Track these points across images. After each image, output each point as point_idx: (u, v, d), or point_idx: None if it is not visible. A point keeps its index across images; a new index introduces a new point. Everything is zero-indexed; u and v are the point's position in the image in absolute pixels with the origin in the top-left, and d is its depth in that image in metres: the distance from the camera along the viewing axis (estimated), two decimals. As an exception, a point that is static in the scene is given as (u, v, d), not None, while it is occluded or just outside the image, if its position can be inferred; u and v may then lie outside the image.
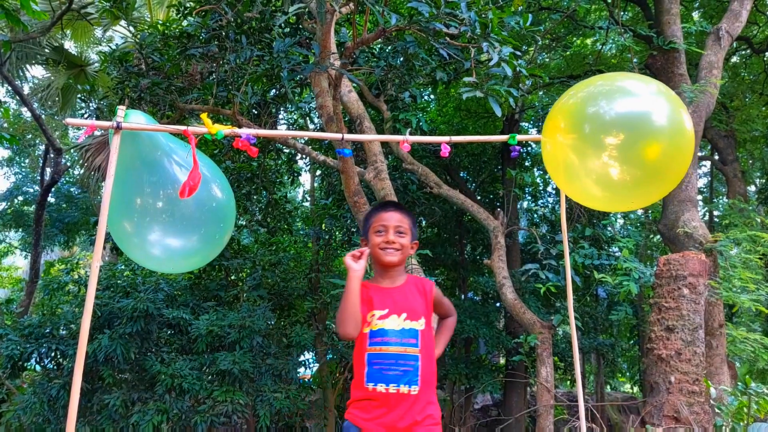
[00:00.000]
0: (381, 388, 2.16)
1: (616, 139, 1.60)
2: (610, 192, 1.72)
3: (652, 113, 1.60)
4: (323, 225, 9.92)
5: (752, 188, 13.49)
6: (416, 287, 2.36)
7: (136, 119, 1.60)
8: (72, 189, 14.53)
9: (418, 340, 2.22)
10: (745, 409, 5.11)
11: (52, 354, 7.33)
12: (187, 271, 3.65)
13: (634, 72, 7.44)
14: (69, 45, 11.74)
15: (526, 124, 11.30)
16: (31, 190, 14.92)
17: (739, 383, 5.40)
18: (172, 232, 1.80)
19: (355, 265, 2.22)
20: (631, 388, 16.02)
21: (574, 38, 9.69)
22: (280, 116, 9.34)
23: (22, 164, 15.64)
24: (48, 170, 11.77)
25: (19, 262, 18.74)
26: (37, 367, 7.77)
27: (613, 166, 1.62)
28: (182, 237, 1.83)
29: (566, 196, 2.19)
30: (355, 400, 2.23)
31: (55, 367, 7.42)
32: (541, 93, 10.00)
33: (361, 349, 2.25)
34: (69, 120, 1.56)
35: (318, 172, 10.44)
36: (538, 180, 11.18)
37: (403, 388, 2.15)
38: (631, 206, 1.95)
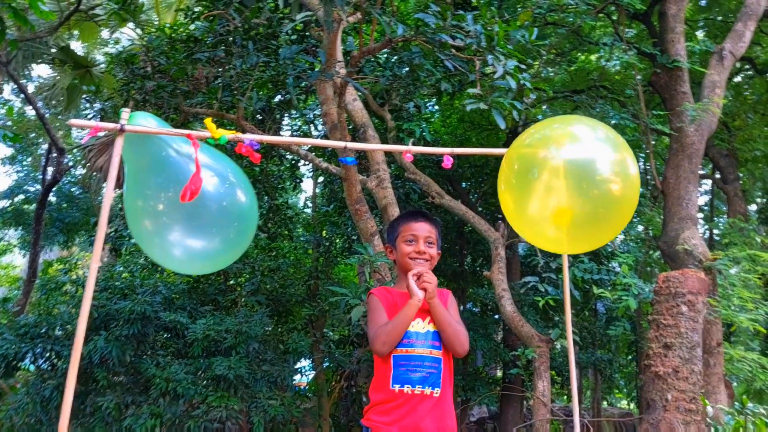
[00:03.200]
0: (406, 389, 2.18)
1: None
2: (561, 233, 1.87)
3: (597, 160, 1.73)
4: (324, 232, 9.91)
5: (753, 207, 13.50)
6: (444, 297, 2.39)
7: (145, 121, 1.60)
8: (73, 189, 14.54)
9: (440, 343, 2.26)
10: (742, 430, 5.08)
11: (47, 354, 7.30)
12: (205, 272, 3.64)
13: (637, 88, 7.48)
14: (75, 45, 11.80)
15: (529, 138, 11.30)
16: (33, 189, 14.93)
17: (736, 403, 5.38)
18: (193, 233, 1.80)
19: (419, 294, 2.20)
20: (628, 405, 15.93)
21: (579, 54, 9.73)
22: (284, 122, 9.36)
23: (25, 163, 15.65)
24: (50, 169, 11.80)
25: (18, 260, 18.71)
26: (32, 367, 7.73)
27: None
28: (204, 238, 1.84)
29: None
30: (375, 404, 2.23)
31: (49, 368, 7.39)
32: (544, 107, 10.03)
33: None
34: (73, 121, 1.56)
35: (320, 179, 10.45)
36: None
37: (427, 390, 2.18)
38: (580, 248, 2.10)
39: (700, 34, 10.30)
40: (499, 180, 2.14)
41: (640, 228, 10.84)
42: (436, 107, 10.44)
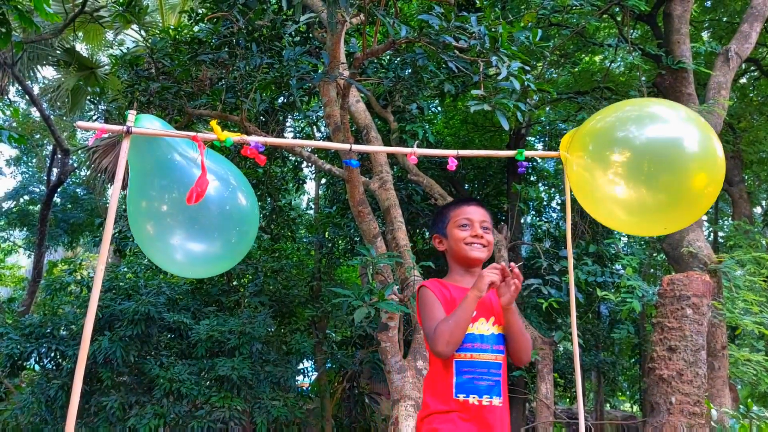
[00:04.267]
0: (473, 400, 1.93)
1: (650, 167, 1.58)
2: (638, 217, 1.70)
3: (683, 139, 1.57)
4: (326, 233, 9.92)
5: (758, 210, 13.45)
6: (492, 291, 2.12)
7: (151, 124, 1.61)
8: (78, 190, 14.59)
9: (504, 348, 2.03)
10: (747, 433, 5.06)
11: (52, 354, 7.33)
12: (206, 276, 3.64)
13: (642, 90, 7.47)
14: (80, 47, 11.84)
15: (533, 139, 11.31)
16: (38, 190, 14.99)
17: (741, 406, 5.35)
18: (194, 237, 1.79)
19: (484, 289, 1.93)
20: (631, 407, 15.89)
21: (583, 55, 9.72)
22: (288, 124, 9.38)
23: (30, 164, 15.72)
24: (55, 170, 11.84)
25: (23, 261, 18.78)
26: (36, 367, 7.76)
27: (647, 191, 1.59)
28: (205, 242, 1.83)
29: (571, 212, 2.19)
30: (438, 412, 1.97)
31: (54, 368, 7.41)
32: (548, 108, 10.02)
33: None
34: (79, 123, 1.57)
35: (323, 181, 10.46)
36: (542, 195, 11.17)
37: (495, 400, 1.95)
38: (663, 231, 1.92)
39: (705, 35, 10.27)
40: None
41: (644, 230, 10.80)
42: (439, 109, 10.44)
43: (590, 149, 1.73)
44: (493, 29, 4.03)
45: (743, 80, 10.85)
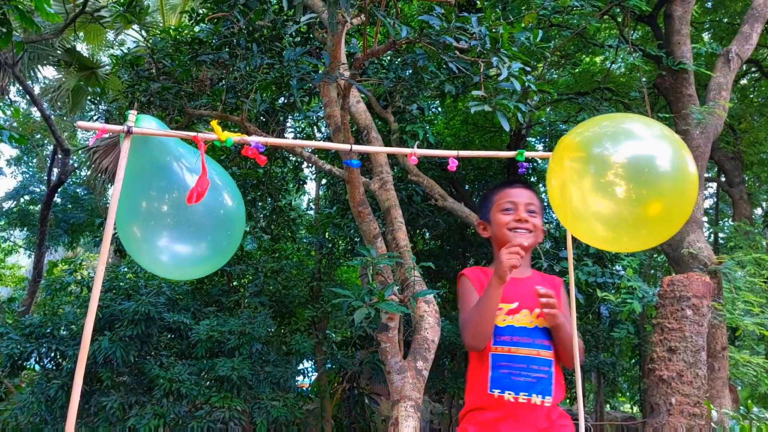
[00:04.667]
0: (509, 396, 1.81)
1: (621, 186, 1.55)
2: (614, 232, 1.65)
3: (656, 158, 1.54)
4: (327, 234, 9.92)
5: (758, 211, 13.45)
6: (546, 281, 2.00)
7: (147, 124, 1.61)
8: (78, 190, 14.60)
9: (550, 342, 1.88)
10: (747, 434, 5.06)
11: (52, 354, 7.34)
12: (192, 278, 3.63)
13: (642, 91, 7.47)
14: (81, 47, 11.85)
15: (533, 140, 11.31)
16: (38, 190, 15.00)
17: (741, 407, 5.35)
18: (180, 239, 1.79)
19: (506, 272, 1.77)
20: (631, 408, 15.89)
21: (584, 56, 9.72)
22: (288, 124, 9.38)
23: (30, 164, 15.73)
24: (55, 170, 11.84)
25: (23, 260, 18.79)
26: (37, 367, 7.77)
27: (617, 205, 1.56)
28: (190, 244, 1.82)
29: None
30: (473, 409, 1.88)
31: (54, 368, 7.42)
32: (548, 109, 10.02)
33: (485, 348, 1.88)
34: (80, 123, 1.57)
35: (323, 181, 10.47)
36: (543, 196, 11.18)
37: (536, 398, 1.81)
38: (635, 247, 1.85)
39: (706, 36, 10.27)
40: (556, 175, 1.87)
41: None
42: (440, 109, 10.45)
43: (567, 165, 1.71)
44: (493, 30, 4.03)
45: (744, 81, 10.85)
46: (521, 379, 1.83)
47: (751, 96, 10.81)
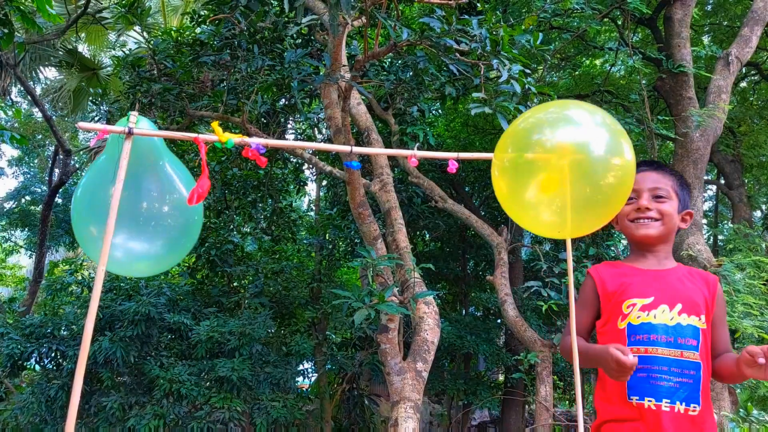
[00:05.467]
0: (650, 403, 1.58)
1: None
2: (557, 217, 1.63)
3: (591, 143, 1.54)
4: (327, 235, 9.94)
5: (758, 213, 13.45)
6: (695, 275, 1.75)
7: (141, 125, 1.63)
8: (79, 190, 14.60)
9: (699, 343, 1.62)
10: (746, 437, 5.06)
11: (52, 354, 7.35)
12: (145, 275, 3.63)
13: (642, 93, 7.49)
14: (82, 48, 11.87)
15: (533, 142, 11.31)
16: (39, 190, 15.01)
17: (741, 410, 5.36)
18: (135, 236, 1.80)
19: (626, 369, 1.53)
20: (631, 411, 15.88)
21: (584, 58, 9.73)
22: (289, 126, 9.40)
23: (31, 164, 15.75)
24: (56, 171, 11.86)
25: (24, 261, 18.81)
26: (37, 367, 7.78)
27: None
28: (147, 241, 1.84)
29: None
30: (608, 420, 1.66)
31: (54, 368, 7.43)
32: (548, 111, 10.02)
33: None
34: (81, 124, 1.59)
35: (324, 182, 10.48)
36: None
37: (680, 406, 1.57)
38: (576, 233, 1.80)
39: (706, 39, 10.29)
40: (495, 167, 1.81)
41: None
42: (440, 111, 10.47)
43: (509, 151, 1.68)
44: (494, 32, 4.04)
45: (743, 84, 10.86)
46: (663, 384, 1.58)
47: (751, 99, 10.82)
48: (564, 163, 1.51)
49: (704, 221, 6.59)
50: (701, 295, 1.69)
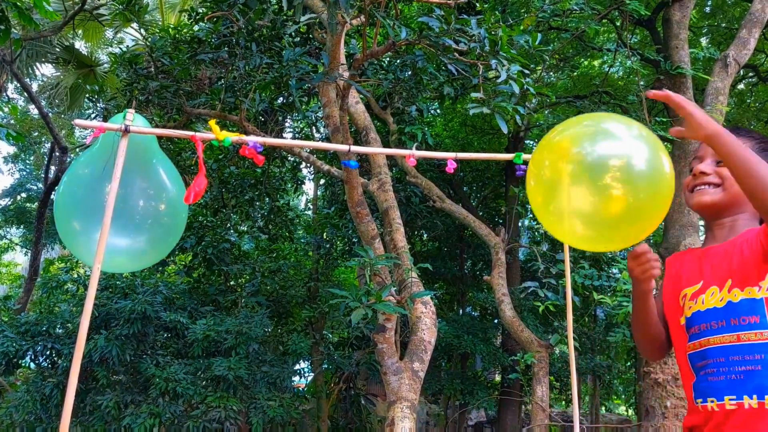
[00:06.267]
0: (712, 405, 1.35)
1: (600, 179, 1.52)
2: (593, 231, 1.60)
3: (632, 157, 1.51)
4: (324, 234, 9.92)
5: (755, 215, 13.48)
6: (748, 237, 1.42)
7: (135, 122, 1.62)
8: (75, 188, 14.57)
9: (766, 317, 1.31)
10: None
11: (48, 352, 7.32)
12: (128, 271, 3.61)
13: (640, 94, 7.49)
14: (80, 45, 11.83)
15: (531, 142, 11.33)
16: (35, 188, 14.96)
17: None
18: (120, 232, 1.80)
19: (642, 280, 1.47)
20: (626, 411, 15.91)
21: (582, 59, 9.74)
22: (287, 124, 9.38)
23: (27, 161, 15.70)
24: (53, 168, 11.82)
25: (19, 258, 18.75)
26: (32, 365, 7.75)
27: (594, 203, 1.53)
28: (130, 237, 1.83)
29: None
30: (688, 428, 1.45)
31: (49, 366, 7.40)
32: (547, 112, 10.03)
33: (682, 349, 1.47)
34: (78, 121, 1.57)
35: (321, 181, 10.47)
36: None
37: (748, 401, 1.28)
38: (611, 246, 1.75)
39: (704, 40, 10.31)
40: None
41: (642, 234, 10.84)
42: (439, 111, 10.46)
43: (547, 164, 1.68)
44: (492, 32, 4.04)
45: (741, 86, 10.88)
46: (721, 378, 1.34)
47: (749, 101, 10.85)
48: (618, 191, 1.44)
49: (701, 223, 6.60)
50: (755, 258, 1.36)
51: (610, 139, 1.50)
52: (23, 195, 15.12)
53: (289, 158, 8.50)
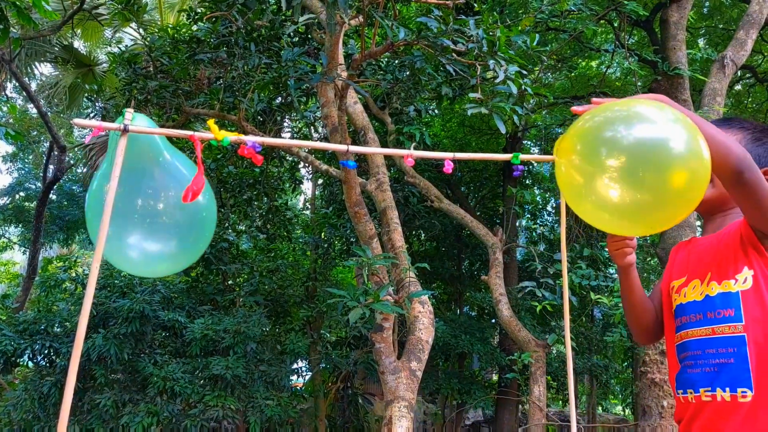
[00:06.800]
0: (690, 396, 1.36)
1: (629, 164, 1.45)
2: (628, 219, 1.54)
3: (671, 140, 1.44)
4: (323, 234, 9.93)
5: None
6: (731, 230, 1.43)
7: (140, 122, 1.62)
8: (74, 187, 14.57)
9: (740, 310, 1.31)
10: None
11: (46, 351, 7.33)
12: (161, 276, 3.62)
13: (638, 95, 7.51)
14: (78, 44, 11.83)
15: (529, 143, 11.35)
16: (33, 187, 14.96)
17: None
18: (150, 236, 1.80)
19: (615, 257, 1.50)
20: (623, 411, 15.94)
21: (580, 60, 9.76)
22: (285, 124, 9.39)
23: (26, 160, 15.69)
24: (51, 167, 11.82)
25: (17, 257, 18.73)
26: (30, 364, 7.75)
27: (629, 190, 1.46)
28: (161, 241, 1.84)
29: (566, 216, 2.18)
30: (677, 422, 1.46)
31: (47, 365, 7.41)
32: (544, 112, 10.05)
33: (671, 340, 1.48)
34: (76, 121, 1.58)
35: (320, 181, 10.48)
36: (538, 198, 11.21)
37: (721, 394, 1.29)
38: (649, 231, 1.69)
39: (701, 41, 10.33)
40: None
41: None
42: (437, 111, 10.48)
43: (578, 149, 1.62)
44: (491, 33, 4.05)
45: (738, 87, 10.91)
46: (698, 371, 1.35)
47: (746, 102, 10.88)
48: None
49: (698, 223, 6.63)
50: (733, 250, 1.36)
51: (645, 123, 1.42)
52: (22, 194, 15.11)
53: (288, 158, 8.51)
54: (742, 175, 1.24)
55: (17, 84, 10.91)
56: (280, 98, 7.49)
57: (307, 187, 12.38)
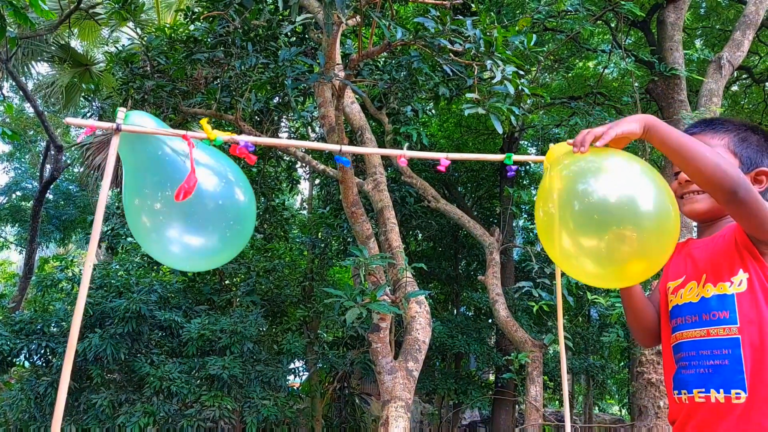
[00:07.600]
0: (684, 397, 1.38)
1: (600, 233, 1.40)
2: (602, 269, 1.51)
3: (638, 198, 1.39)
4: (320, 234, 9.93)
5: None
6: (726, 232, 1.43)
7: (142, 120, 1.62)
8: (71, 187, 14.55)
9: (735, 312, 1.32)
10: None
11: (42, 351, 7.32)
12: (203, 269, 3.62)
13: (634, 96, 7.52)
14: (75, 44, 11.81)
15: (526, 143, 11.36)
16: (30, 186, 14.94)
17: None
18: (190, 231, 1.82)
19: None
20: (620, 411, 15.96)
21: (577, 60, 9.77)
22: (282, 124, 9.38)
23: (23, 160, 15.66)
24: (48, 167, 11.80)
25: (14, 257, 18.70)
26: (26, 364, 7.74)
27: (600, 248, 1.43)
28: (202, 236, 1.86)
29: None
30: (671, 423, 1.47)
31: (44, 364, 7.39)
32: (541, 113, 10.07)
33: (667, 341, 1.49)
34: (69, 119, 1.58)
35: (317, 181, 10.48)
36: (534, 198, 11.23)
37: (715, 395, 1.30)
38: (620, 284, 1.67)
39: (698, 42, 10.36)
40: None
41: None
42: (434, 111, 10.49)
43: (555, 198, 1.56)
44: (488, 33, 4.05)
45: (735, 88, 10.94)
46: (692, 372, 1.36)
47: (742, 102, 10.90)
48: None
49: (694, 224, 6.63)
50: (729, 253, 1.36)
51: (614, 177, 1.38)
52: (18, 193, 15.09)
53: (285, 158, 8.51)
54: (735, 195, 1.24)
55: (14, 83, 10.89)
56: (277, 98, 7.49)
57: (304, 186, 12.38)
